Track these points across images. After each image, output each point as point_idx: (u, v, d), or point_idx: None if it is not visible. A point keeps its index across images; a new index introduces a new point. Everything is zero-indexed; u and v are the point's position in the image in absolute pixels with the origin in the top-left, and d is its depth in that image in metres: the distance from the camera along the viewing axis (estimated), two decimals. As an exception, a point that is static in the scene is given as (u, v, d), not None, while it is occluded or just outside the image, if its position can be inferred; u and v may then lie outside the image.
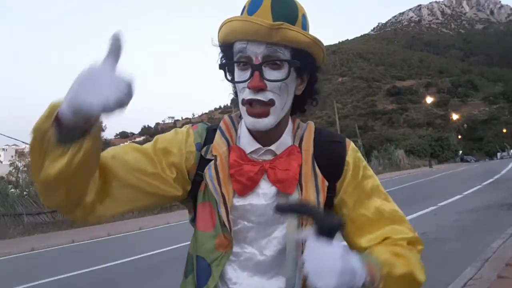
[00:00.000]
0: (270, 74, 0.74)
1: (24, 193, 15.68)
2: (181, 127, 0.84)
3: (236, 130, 0.85)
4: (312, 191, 0.78)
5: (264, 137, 0.81)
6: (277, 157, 0.80)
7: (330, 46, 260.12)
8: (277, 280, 0.79)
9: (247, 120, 0.77)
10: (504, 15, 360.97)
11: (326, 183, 0.79)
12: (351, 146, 0.85)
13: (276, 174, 0.78)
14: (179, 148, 0.82)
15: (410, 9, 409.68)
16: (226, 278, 0.80)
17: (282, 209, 0.69)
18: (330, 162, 0.82)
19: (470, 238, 5.61)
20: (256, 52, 0.73)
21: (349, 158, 0.83)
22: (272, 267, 0.79)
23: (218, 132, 0.84)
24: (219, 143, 0.82)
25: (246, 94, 0.75)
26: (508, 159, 48.50)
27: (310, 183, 0.78)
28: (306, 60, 0.77)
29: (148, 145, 0.82)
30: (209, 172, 0.79)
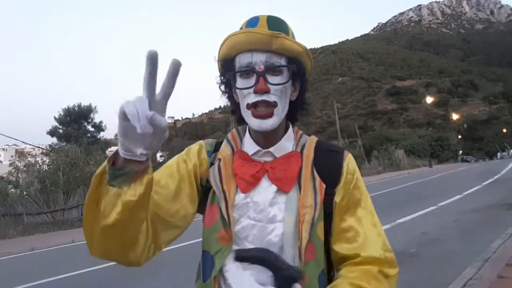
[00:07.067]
0: (272, 79, 0.83)
1: (24, 193, 15.66)
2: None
3: (241, 139, 0.94)
4: (310, 193, 0.83)
5: (265, 141, 0.89)
6: (278, 159, 0.87)
7: (330, 46, 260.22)
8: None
9: (253, 122, 0.84)
10: (504, 15, 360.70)
11: (324, 186, 0.85)
12: (348, 155, 0.92)
13: (275, 173, 0.85)
14: (194, 156, 0.93)
15: (410, 9, 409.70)
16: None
17: (242, 258, 0.71)
18: (328, 169, 0.88)
19: (470, 238, 5.61)
20: (259, 61, 0.83)
21: (346, 166, 0.89)
22: None
23: (224, 141, 0.95)
24: (224, 149, 0.92)
25: (252, 98, 0.83)
26: (508, 159, 48.50)
27: (309, 185, 0.84)
28: (299, 68, 0.87)
29: (173, 164, 0.91)
30: (213, 172, 0.88)
